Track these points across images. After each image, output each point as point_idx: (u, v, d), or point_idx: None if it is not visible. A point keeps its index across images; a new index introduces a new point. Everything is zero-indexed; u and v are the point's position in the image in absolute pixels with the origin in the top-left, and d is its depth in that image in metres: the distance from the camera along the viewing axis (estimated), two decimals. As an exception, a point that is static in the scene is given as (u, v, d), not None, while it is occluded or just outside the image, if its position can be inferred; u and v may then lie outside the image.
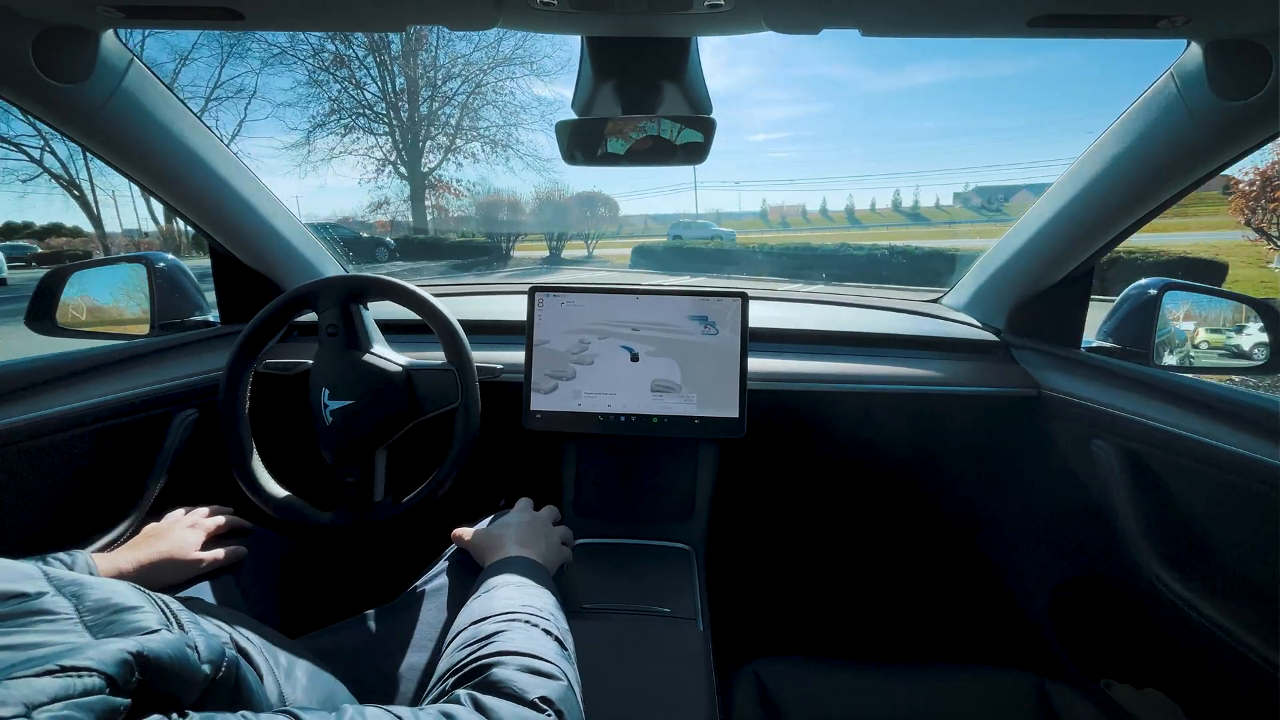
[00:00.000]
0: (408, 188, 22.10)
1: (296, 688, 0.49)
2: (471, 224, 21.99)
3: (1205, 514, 0.75)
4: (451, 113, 21.57)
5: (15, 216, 25.14)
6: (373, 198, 23.18)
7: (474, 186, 22.93)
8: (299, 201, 49.91)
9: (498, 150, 22.05)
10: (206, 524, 0.74)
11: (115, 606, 0.35)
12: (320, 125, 20.77)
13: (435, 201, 23.16)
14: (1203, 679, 0.76)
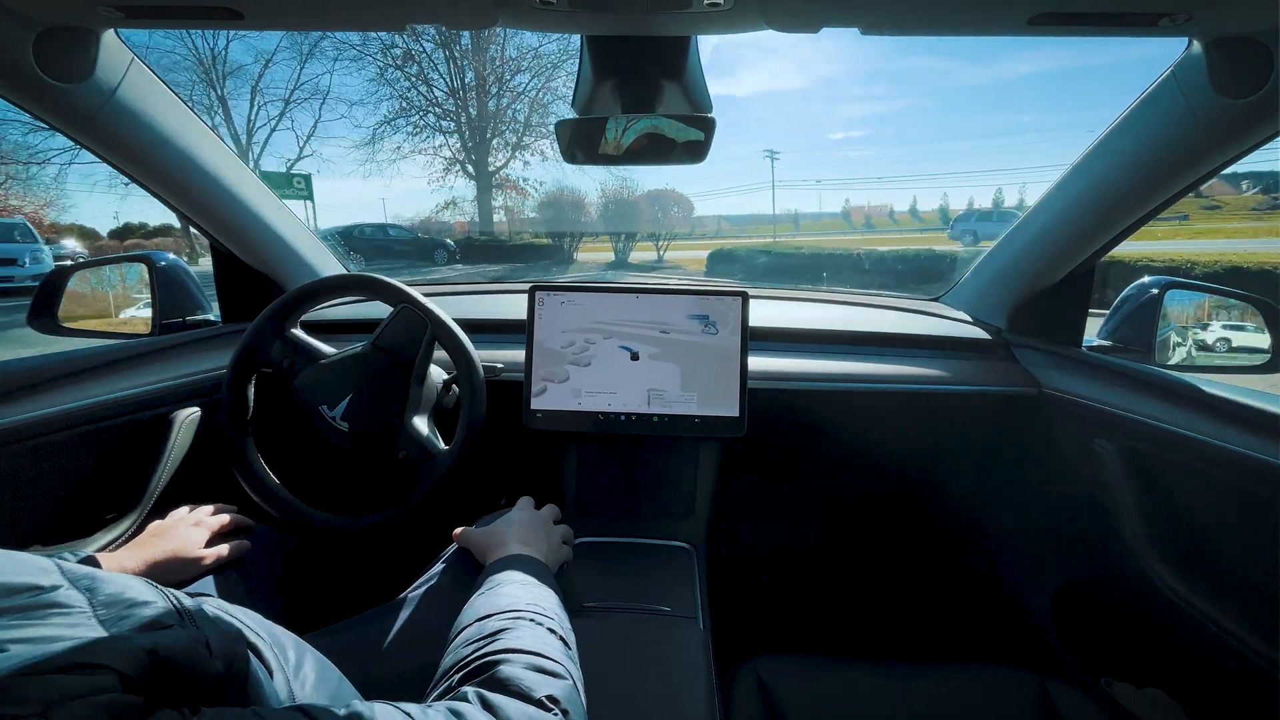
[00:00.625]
0: (475, 187, 21.21)
1: (305, 684, 0.49)
2: (536, 225, 20.73)
3: (1207, 513, 0.75)
4: (520, 108, 20.36)
5: (132, 218, 25.31)
6: (440, 198, 22.68)
7: (540, 185, 21.54)
8: (385, 204, 48.50)
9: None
10: (210, 522, 0.74)
11: (129, 601, 0.35)
12: (388, 122, 20.02)
13: (502, 201, 22.06)
14: (1204, 678, 0.76)
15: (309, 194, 19.99)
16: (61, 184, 21.44)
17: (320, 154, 29.77)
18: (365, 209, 49.03)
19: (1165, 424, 0.76)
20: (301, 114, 24.88)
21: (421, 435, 0.83)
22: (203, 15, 0.61)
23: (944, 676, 0.76)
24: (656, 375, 0.93)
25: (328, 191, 49.15)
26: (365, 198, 52.19)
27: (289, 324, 0.87)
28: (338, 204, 39.62)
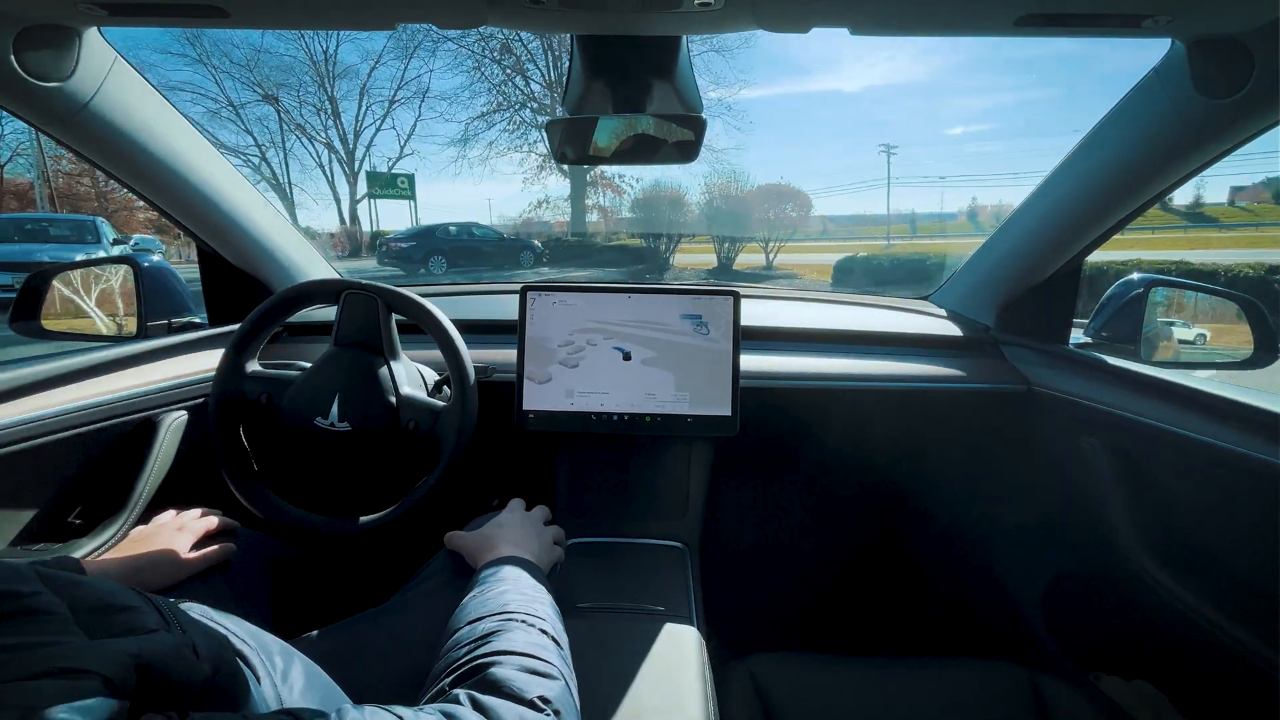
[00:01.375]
0: (569, 185, 20.48)
1: (293, 689, 0.49)
2: (632, 225, 19.26)
3: (1192, 508, 0.76)
4: None
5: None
6: (534, 197, 21.86)
7: (638, 182, 19.96)
8: (491, 204, 47.96)
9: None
10: (194, 526, 0.73)
11: (111, 606, 0.34)
12: (482, 117, 19.51)
13: (596, 200, 20.92)
14: (1190, 669, 0.77)
15: (412, 193, 19.91)
16: None
17: (419, 153, 30.42)
18: (471, 211, 48.05)
19: (1152, 420, 0.77)
20: (402, 113, 24.56)
21: (421, 399, 0.83)
22: (188, 13, 0.60)
23: (936, 672, 0.77)
24: (649, 375, 0.93)
25: (433, 194, 48.00)
26: (472, 199, 52.24)
27: (248, 361, 0.86)
28: (444, 205, 38.67)
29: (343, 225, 22.60)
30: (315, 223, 24.33)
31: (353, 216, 22.87)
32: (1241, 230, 24.42)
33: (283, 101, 20.82)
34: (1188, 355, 1.05)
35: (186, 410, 0.95)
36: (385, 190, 20.21)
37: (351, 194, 22.60)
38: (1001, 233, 1.05)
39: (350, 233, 21.28)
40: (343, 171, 22.41)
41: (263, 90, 20.29)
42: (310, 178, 32.03)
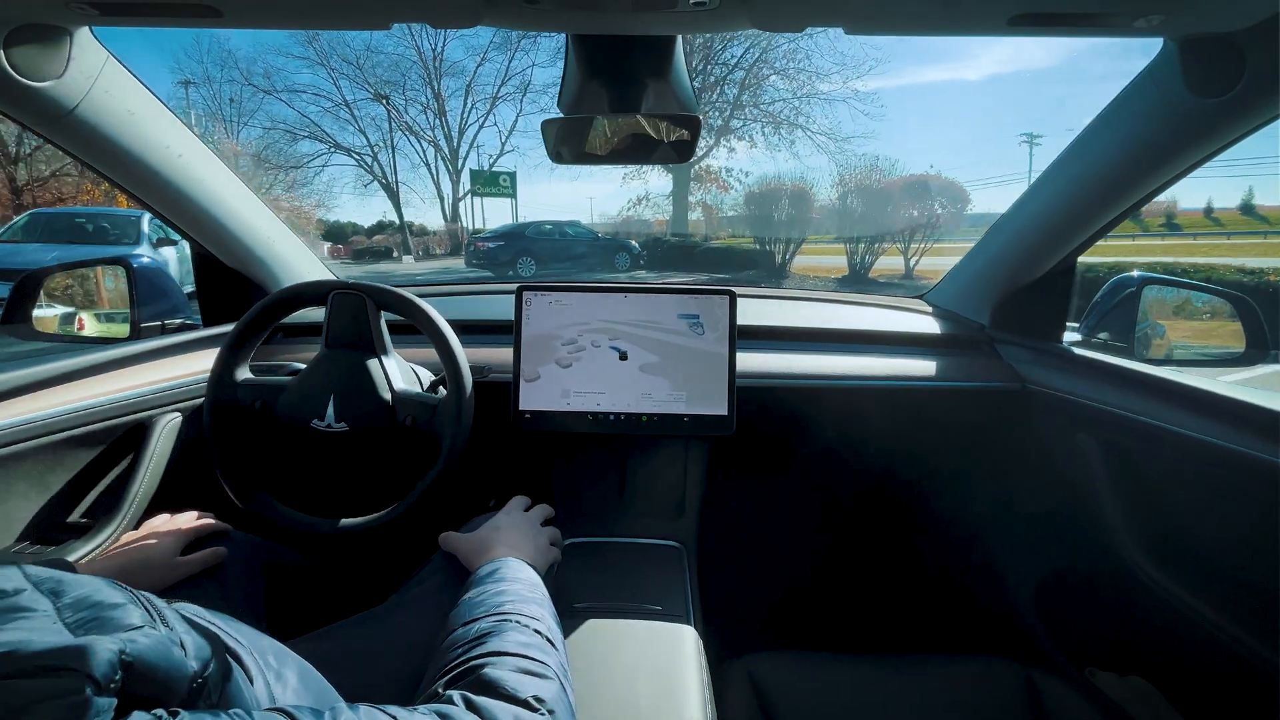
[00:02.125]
0: (670, 181, 18.87)
1: (286, 689, 0.48)
2: (738, 224, 17.42)
3: (1186, 504, 0.76)
4: (729, 88, 17.36)
5: (364, 218, 25.77)
6: (633, 194, 20.58)
7: (746, 176, 17.96)
8: (592, 202, 47.70)
9: (781, 131, 17.11)
10: (185, 528, 0.72)
11: (96, 603, 0.34)
12: None
13: (700, 197, 19.18)
14: (1183, 665, 0.78)
15: (513, 191, 19.60)
16: (331, 185, 23.97)
17: (520, 149, 29.70)
18: (572, 210, 46.44)
19: (1145, 417, 0.78)
20: (505, 109, 24.32)
21: (416, 394, 0.83)
22: (181, 13, 0.60)
23: (932, 669, 0.77)
24: (646, 375, 0.93)
25: (535, 193, 46.09)
26: (573, 198, 49.95)
27: (239, 368, 0.86)
28: (545, 204, 38.02)
29: (445, 223, 22.53)
30: (421, 220, 24.30)
31: (454, 214, 22.78)
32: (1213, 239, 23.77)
33: (391, 100, 20.87)
34: (1181, 353, 1.06)
35: (180, 412, 0.95)
36: (487, 188, 20.05)
37: (454, 192, 22.48)
38: (995, 231, 1.06)
39: (451, 230, 21.16)
40: (446, 169, 22.20)
41: (373, 89, 20.34)
42: (417, 176, 31.89)
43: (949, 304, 1.21)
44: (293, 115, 20.81)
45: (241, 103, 21.19)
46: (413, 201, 28.67)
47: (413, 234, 21.37)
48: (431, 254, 19.95)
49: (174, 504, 0.81)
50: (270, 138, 20.80)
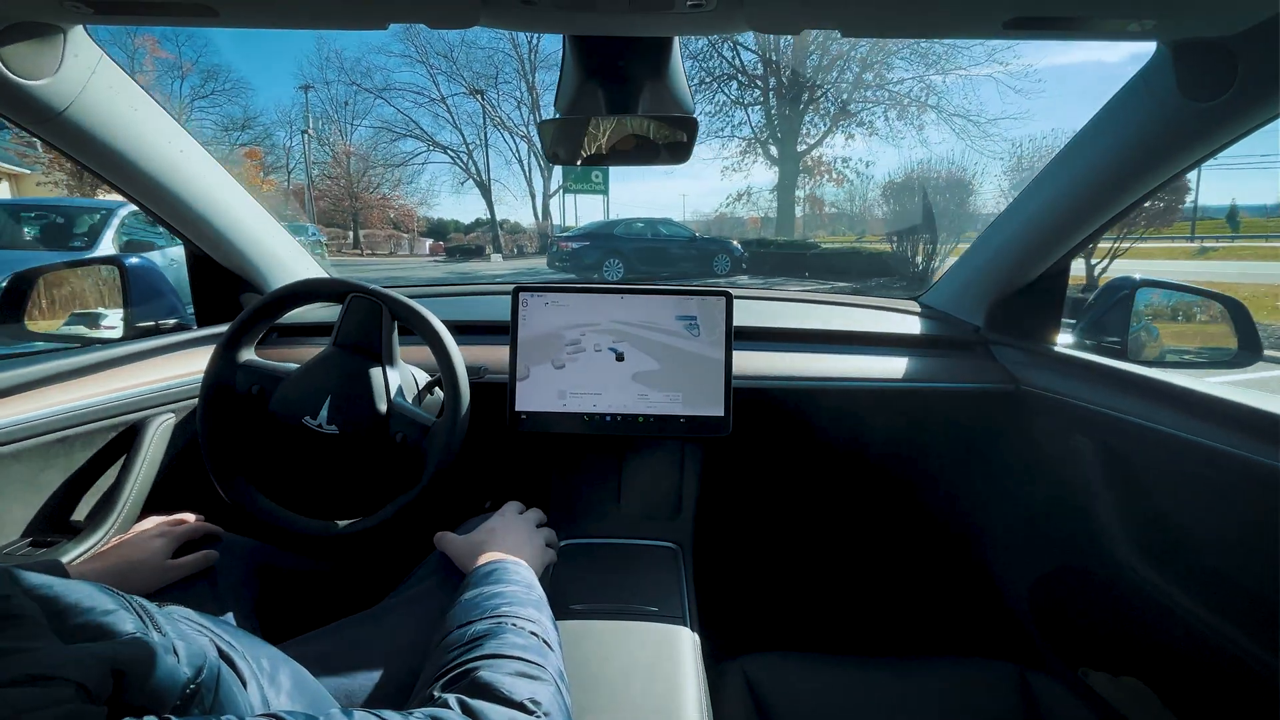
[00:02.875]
0: (776, 174, 16.78)
1: (280, 693, 0.48)
2: (855, 223, 15.73)
3: (1179, 506, 0.77)
4: (850, 65, 15.18)
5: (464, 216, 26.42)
6: (733, 188, 18.98)
7: (867, 167, 16.17)
8: (685, 200, 45.88)
9: (907, 115, 14.96)
10: (175, 531, 0.72)
11: (87, 609, 0.33)
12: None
13: (809, 192, 17.30)
14: (1176, 665, 0.78)
15: (605, 188, 18.50)
16: (432, 184, 24.75)
17: None
18: (664, 209, 43.64)
19: (1139, 419, 0.78)
20: None
21: (412, 412, 0.82)
22: (176, 11, 0.60)
23: (927, 670, 0.77)
24: (642, 376, 0.93)
25: (626, 190, 43.65)
26: (665, 195, 47.42)
27: (243, 351, 0.85)
28: (637, 202, 36.49)
29: (537, 221, 22.38)
30: (515, 217, 23.97)
31: (545, 212, 22.51)
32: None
33: (486, 95, 20.93)
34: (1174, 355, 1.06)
35: (174, 413, 0.94)
36: (579, 184, 18.70)
37: (545, 188, 22.14)
38: (990, 233, 1.06)
39: (542, 229, 20.93)
40: (539, 165, 21.75)
41: (468, 84, 20.32)
42: (510, 172, 31.83)
43: (944, 306, 1.21)
44: (395, 114, 21.31)
45: (355, 104, 22.05)
46: (505, 199, 28.57)
47: (506, 232, 21.40)
48: (524, 252, 19.72)
49: (167, 505, 0.80)
50: (378, 138, 21.53)
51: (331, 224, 23.10)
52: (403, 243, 21.97)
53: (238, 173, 16.56)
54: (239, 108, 31.59)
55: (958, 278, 1.19)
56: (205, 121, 25.41)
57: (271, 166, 24.26)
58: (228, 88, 24.20)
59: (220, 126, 23.74)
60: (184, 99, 23.13)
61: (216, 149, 23.58)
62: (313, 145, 22.94)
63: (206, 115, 27.06)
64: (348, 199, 22.64)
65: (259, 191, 25.63)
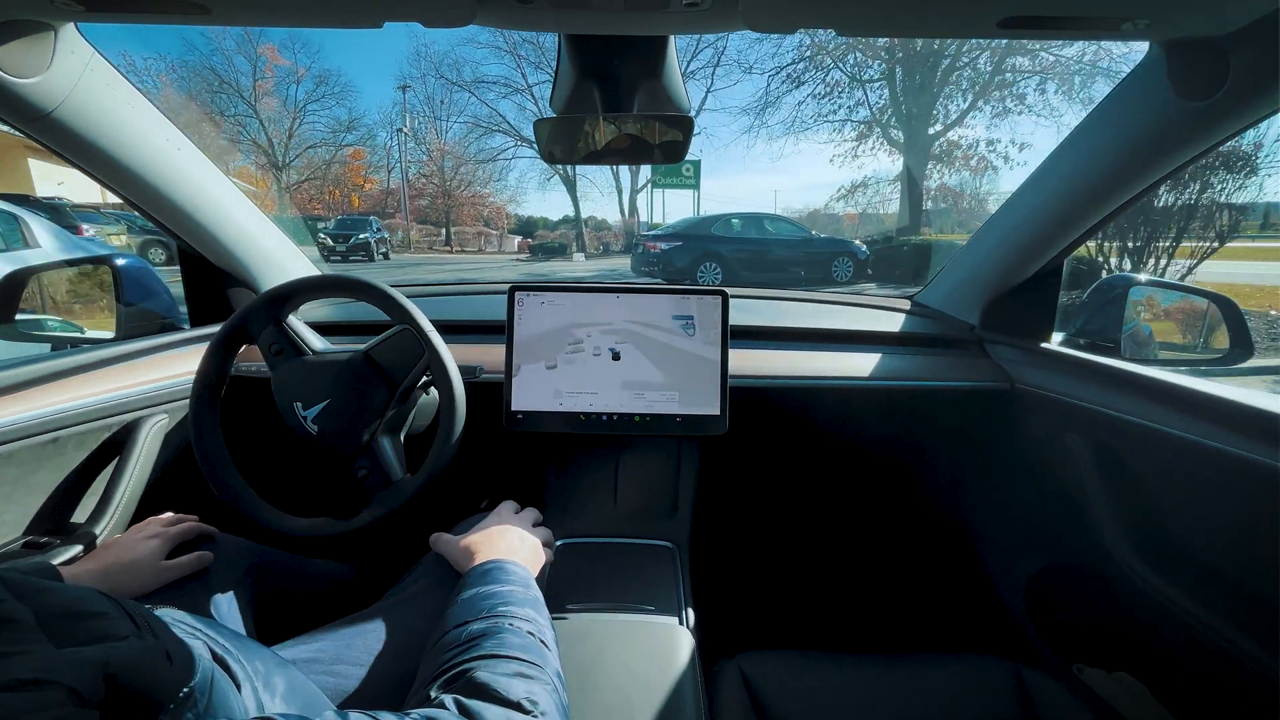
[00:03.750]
0: (899, 162, 14.27)
1: (275, 695, 0.48)
2: (1008, 213, 10.53)
3: (1172, 503, 0.77)
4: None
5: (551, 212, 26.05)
6: (845, 179, 16.47)
7: (1020, 151, 13.11)
8: (776, 196, 43.83)
9: (1069, 85, 12.00)
10: (169, 532, 0.71)
11: (79, 613, 0.33)
12: (781, 70, 14.00)
13: (940, 180, 14.41)
14: (1170, 661, 0.79)
15: (696, 182, 17.46)
16: (521, 180, 24.17)
17: (707, 131, 26.20)
18: (751, 204, 41.03)
19: (1132, 417, 0.79)
20: (692, 88, 21.37)
21: (386, 459, 0.80)
22: (169, 9, 0.59)
23: (923, 667, 0.77)
24: (638, 375, 0.93)
25: (713, 186, 40.81)
26: (754, 190, 44.05)
27: (287, 310, 0.83)
28: (724, 197, 34.55)
29: (622, 217, 21.61)
30: (602, 214, 22.99)
31: (631, 208, 21.65)
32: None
33: None
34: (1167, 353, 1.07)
35: (167, 413, 0.94)
36: (667, 178, 17.75)
37: (632, 183, 21.30)
38: (985, 232, 1.07)
39: (628, 226, 20.10)
40: None
41: (549, 72, 20.39)
42: (596, 167, 32.67)
43: (939, 304, 1.22)
44: (485, 111, 21.64)
45: (450, 102, 22.70)
46: (592, 194, 27.54)
47: (591, 229, 20.83)
48: (608, 251, 18.95)
49: (161, 506, 0.80)
50: (469, 134, 22.11)
51: (425, 221, 23.50)
52: (491, 239, 22.06)
53: (342, 172, 15.66)
54: (345, 110, 32.22)
55: (952, 276, 1.19)
56: (317, 124, 26.58)
57: (375, 166, 25.22)
58: (336, 91, 25.40)
59: (329, 128, 24.73)
60: (299, 103, 24.11)
61: (325, 150, 24.22)
62: (409, 144, 23.32)
63: (318, 118, 28.31)
64: (441, 196, 23.01)
65: (361, 191, 26.03)
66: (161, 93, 21.34)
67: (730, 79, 19.70)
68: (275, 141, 23.44)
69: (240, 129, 23.23)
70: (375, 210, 24.86)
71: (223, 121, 22.80)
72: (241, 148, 23.25)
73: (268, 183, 23.76)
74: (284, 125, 23.87)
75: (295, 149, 24.00)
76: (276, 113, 23.87)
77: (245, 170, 24.31)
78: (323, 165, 24.86)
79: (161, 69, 22.81)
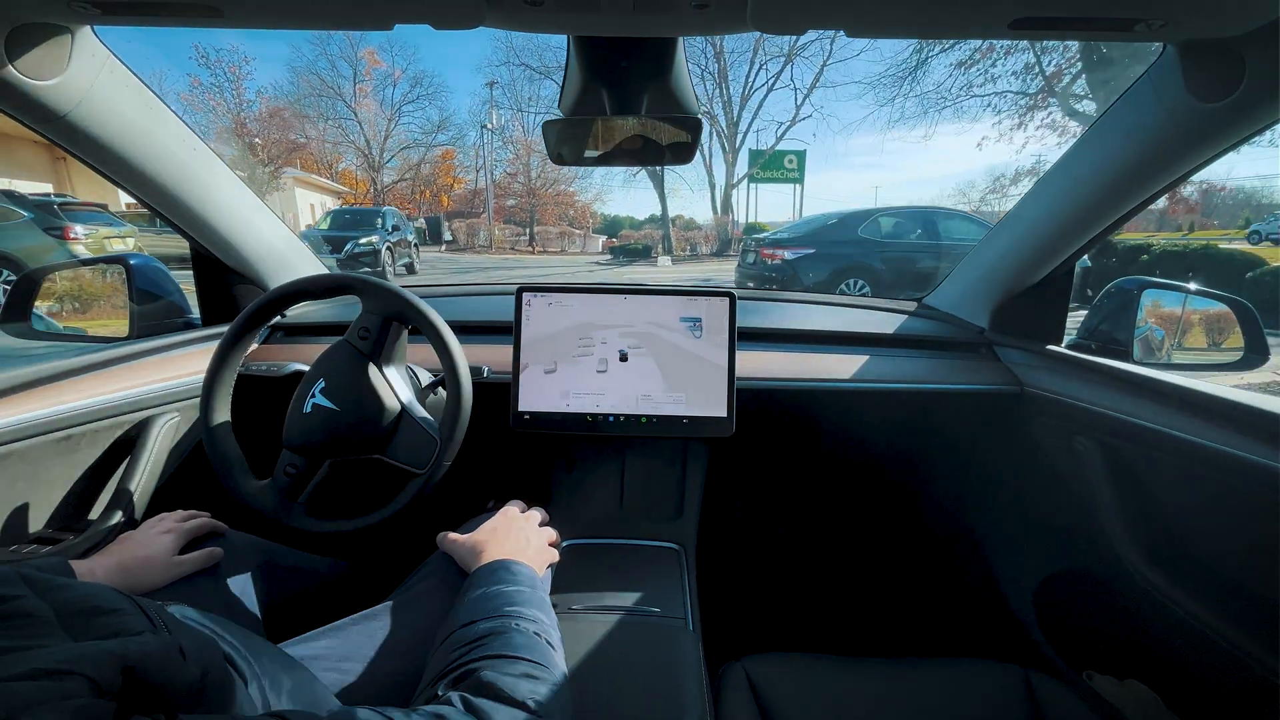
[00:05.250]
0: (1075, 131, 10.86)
1: (281, 692, 0.48)
2: (1230, 212, 10.07)
3: (1183, 508, 0.76)
4: None
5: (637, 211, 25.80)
6: (1004, 166, 13.45)
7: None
8: (878, 192, 39.48)
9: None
10: (180, 528, 0.72)
11: (96, 609, 0.34)
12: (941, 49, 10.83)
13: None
14: (1182, 668, 0.78)
15: (800, 175, 15.59)
16: (606, 177, 25.18)
17: (822, 111, 24.45)
18: (849, 204, 39.97)
19: (1144, 421, 0.78)
20: (801, 68, 19.91)
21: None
22: (182, 12, 0.60)
23: (930, 672, 0.77)
24: (645, 376, 0.93)
25: (810, 182, 41.20)
26: (854, 186, 39.95)
27: (401, 320, 0.82)
28: (821, 195, 32.05)
29: (714, 215, 19.45)
30: (689, 213, 20.93)
31: (724, 205, 19.50)
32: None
33: None
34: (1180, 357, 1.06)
35: (179, 412, 0.95)
36: (767, 172, 16.31)
37: (728, 177, 19.22)
38: (995, 235, 1.06)
39: (720, 225, 18.07)
40: (721, 148, 18.97)
41: None
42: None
43: (949, 307, 1.21)
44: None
45: (538, 97, 22.50)
46: (680, 191, 25.70)
47: (679, 229, 19.18)
48: (696, 253, 16.90)
49: (172, 503, 0.81)
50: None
51: (511, 221, 23.44)
52: (575, 239, 21.50)
53: (432, 172, 16.02)
54: (437, 110, 32.85)
55: (962, 279, 1.18)
56: (411, 125, 27.35)
57: (464, 166, 25.83)
58: (430, 92, 26.52)
59: (422, 129, 25.26)
60: (395, 104, 24.68)
61: (417, 150, 24.76)
62: (495, 142, 23.24)
63: (412, 119, 29.19)
64: (527, 195, 22.85)
65: (450, 190, 26.29)
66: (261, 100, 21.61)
67: (852, 48, 17.21)
68: (372, 143, 23.92)
69: (342, 131, 23.76)
70: (462, 211, 25.04)
71: (325, 125, 23.42)
72: (343, 150, 23.91)
73: (366, 184, 24.23)
74: (380, 127, 24.29)
75: (390, 150, 24.47)
76: (373, 114, 24.41)
77: (348, 173, 25.14)
78: (415, 166, 25.25)
79: (270, 75, 24.03)
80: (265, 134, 21.33)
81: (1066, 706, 0.71)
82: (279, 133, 21.81)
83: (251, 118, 20.04)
